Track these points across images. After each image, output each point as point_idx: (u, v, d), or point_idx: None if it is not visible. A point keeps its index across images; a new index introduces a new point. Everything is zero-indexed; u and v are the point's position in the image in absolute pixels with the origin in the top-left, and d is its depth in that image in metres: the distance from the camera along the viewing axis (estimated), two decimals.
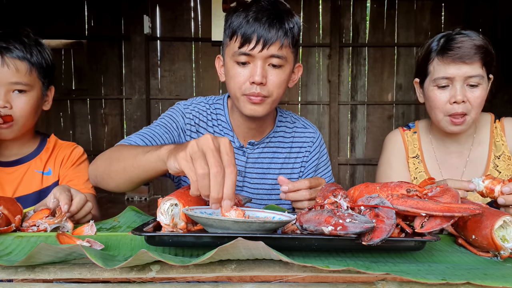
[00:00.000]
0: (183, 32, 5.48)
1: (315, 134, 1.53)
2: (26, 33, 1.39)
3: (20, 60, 1.32)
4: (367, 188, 0.90)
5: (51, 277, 0.69)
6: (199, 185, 0.82)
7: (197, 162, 0.82)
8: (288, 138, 1.48)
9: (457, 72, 1.38)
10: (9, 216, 0.93)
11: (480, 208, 0.76)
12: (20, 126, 1.36)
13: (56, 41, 5.43)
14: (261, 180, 1.45)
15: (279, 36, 1.22)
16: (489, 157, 1.53)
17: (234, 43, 1.26)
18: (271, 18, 1.22)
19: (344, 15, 5.50)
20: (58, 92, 5.39)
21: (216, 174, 0.81)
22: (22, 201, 1.14)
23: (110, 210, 4.47)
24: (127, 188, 1.14)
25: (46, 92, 1.44)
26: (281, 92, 1.31)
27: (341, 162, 5.62)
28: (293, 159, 1.48)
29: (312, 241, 0.73)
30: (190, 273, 0.69)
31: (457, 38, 1.40)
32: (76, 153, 1.52)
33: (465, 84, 1.39)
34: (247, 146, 1.43)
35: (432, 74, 1.45)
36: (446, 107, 1.42)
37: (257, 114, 1.29)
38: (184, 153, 0.84)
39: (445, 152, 1.58)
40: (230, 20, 1.27)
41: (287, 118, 1.52)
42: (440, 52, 1.42)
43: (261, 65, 1.24)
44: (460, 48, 1.37)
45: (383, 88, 5.58)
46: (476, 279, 0.66)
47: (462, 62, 1.37)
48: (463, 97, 1.38)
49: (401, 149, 1.62)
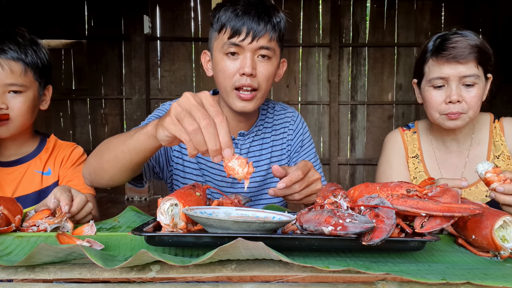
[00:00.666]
0: (183, 32, 5.49)
1: (294, 114, 1.57)
2: (21, 32, 1.38)
3: (15, 61, 1.32)
4: (367, 188, 0.90)
5: (51, 277, 0.69)
6: (194, 143, 0.81)
7: (185, 121, 0.81)
8: (270, 123, 1.52)
9: (452, 72, 1.39)
10: (9, 216, 0.93)
11: (480, 208, 0.76)
12: (17, 125, 1.35)
13: (56, 41, 5.43)
14: (255, 169, 1.45)
15: (268, 29, 1.25)
16: (489, 156, 1.53)
17: (223, 35, 1.27)
18: (259, 12, 1.25)
19: (344, 15, 5.50)
20: (58, 92, 5.41)
21: (207, 126, 0.80)
22: (22, 201, 1.14)
23: (110, 210, 4.47)
24: (121, 177, 1.12)
25: (43, 91, 1.43)
26: (269, 86, 1.33)
27: (341, 162, 5.62)
28: (279, 141, 1.51)
29: (312, 241, 0.73)
30: (190, 273, 0.69)
31: (452, 38, 1.41)
32: (76, 153, 1.52)
33: (461, 84, 1.40)
34: (238, 138, 1.44)
35: (427, 74, 1.46)
36: (442, 107, 1.43)
37: (248, 110, 1.31)
38: (170, 118, 0.84)
39: (445, 152, 1.58)
40: (218, 15, 1.29)
41: (268, 104, 1.56)
42: (434, 52, 1.43)
43: (251, 56, 1.26)
44: (455, 48, 1.38)
45: (383, 88, 5.58)
46: (476, 279, 0.66)
47: (457, 62, 1.38)
48: (459, 97, 1.39)
49: (401, 149, 1.63)
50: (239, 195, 1.10)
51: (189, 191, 0.91)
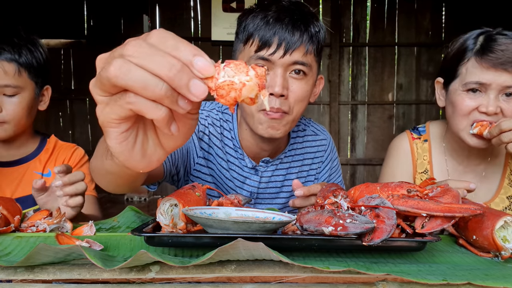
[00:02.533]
0: (183, 32, 5.48)
1: (326, 141, 1.39)
2: (17, 32, 1.36)
3: (8, 62, 1.30)
4: (367, 188, 0.90)
5: (50, 278, 0.68)
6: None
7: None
8: (300, 149, 1.35)
9: (495, 80, 1.19)
10: (8, 217, 0.93)
11: (481, 208, 0.76)
12: (13, 126, 1.34)
13: (55, 41, 5.43)
14: (273, 200, 1.34)
15: (304, 41, 1.05)
16: (505, 172, 1.39)
17: (249, 47, 1.08)
18: (294, 19, 1.06)
19: (344, 15, 5.50)
20: (58, 92, 5.41)
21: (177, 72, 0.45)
22: (21, 202, 1.13)
23: (109, 210, 4.47)
24: (118, 191, 0.91)
25: (40, 92, 1.41)
26: (302, 108, 1.12)
27: (341, 162, 5.58)
28: (306, 172, 1.36)
29: (313, 242, 0.73)
30: (189, 274, 0.69)
31: (499, 40, 1.20)
32: (77, 155, 1.51)
33: (500, 94, 1.21)
34: (260, 164, 1.27)
35: (463, 76, 1.25)
36: (473, 115, 1.23)
37: (275, 135, 1.10)
38: (119, 104, 0.47)
39: (458, 168, 1.41)
40: (245, 22, 1.10)
41: (299, 126, 1.37)
42: (478, 52, 1.22)
43: (282, 73, 1.05)
44: (504, 52, 1.18)
45: (384, 88, 5.58)
46: (477, 279, 0.65)
47: (504, 69, 1.18)
48: (496, 108, 1.20)
49: (408, 162, 1.45)
50: (239, 195, 1.10)
51: (189, 191, 0.91)
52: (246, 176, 1.30)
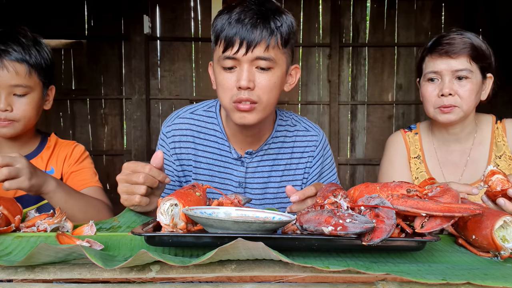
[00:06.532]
0: (183, 32, 5.47)
1: (318, 137, 1.44)
2: (23, 32, 1.38)
3: (19, 63, 1.32)
4: (367, 188, 0.90)
5: (51, 277, 0.69)
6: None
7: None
8: (288, 143, 1.41)
9: (444, 67, 1.45)
10: (8, 216, 0.93)
11: (480, 208, 0.76)
12: (22, 125, 1.37)
13: (56, 41, 5.42)
14: (263, 190, 1.40)
15: (264, 36, 1.14)
16: (490, 156, 1.54)
17: (219, 47, 1.19)
18: (254, 18, 1.15)
19: (344, 15, 5.49)
20: (58, 92, 5.35)
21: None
22: (23, 201, 1.14)
23: None
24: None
25: (46, 92, 1.44)
26: (272, 97, 1.22)
27: (341, 162, 5.61)
28: (295, 165, 1.41)
29: (312, 241, 0.73)
30: (190, 273, 0.69)
31: (449, 35, 1.48)
32: (78, 151, 1.53)
33: (454, 78, 1.46)
34: (245, 156, 1.37)
35: (424, 71, 1.52)
36: (435, 100, 1.48)
37: (247, 122, 1.21)
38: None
39: (447, 151, 1.60)
40: (215, 24, 1.20)
41: (287, 121, 1.43)
42: (430, 49, 1.50)
43: (247, 68, 1.16)
44: (448, 44, 1.45)
45: (383, 88, 5.57)
46: (477, 279, 0.66)
47: (449, 56, 1.44)
48: (450, 90, 1.44)
49: (403, 150, 1.65)
50: (239, 195, 1.10)
51: (189, 191, 0.91)
52: (232, 168, 1.39)
